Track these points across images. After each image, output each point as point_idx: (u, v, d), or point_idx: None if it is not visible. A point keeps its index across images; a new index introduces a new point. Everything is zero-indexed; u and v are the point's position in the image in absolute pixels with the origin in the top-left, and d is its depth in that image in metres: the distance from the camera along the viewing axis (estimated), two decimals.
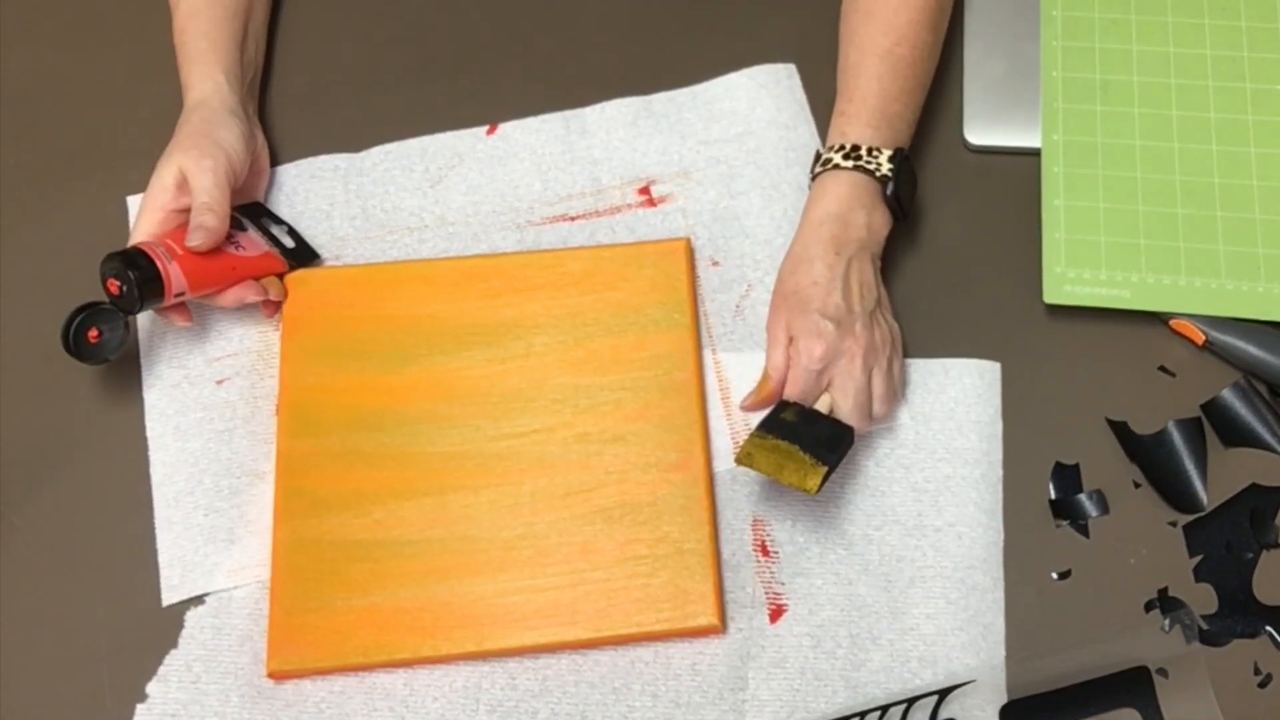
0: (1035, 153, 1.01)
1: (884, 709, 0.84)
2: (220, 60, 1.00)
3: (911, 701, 0.84)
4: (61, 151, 1.08)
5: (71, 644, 0.90)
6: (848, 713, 0.84)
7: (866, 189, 0.93)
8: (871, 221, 0.93)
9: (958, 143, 1.04)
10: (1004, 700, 0.84)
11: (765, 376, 0.91)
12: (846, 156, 0.93)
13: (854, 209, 0.92)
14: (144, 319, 0.99)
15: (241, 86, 1.02)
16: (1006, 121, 1.04)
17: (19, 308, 1.02)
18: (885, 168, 0.93)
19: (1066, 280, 0.96)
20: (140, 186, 0.98)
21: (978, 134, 1.04)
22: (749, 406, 0.93)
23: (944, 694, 0.84)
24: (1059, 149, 1.01)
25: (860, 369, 0.89)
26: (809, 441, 0.87)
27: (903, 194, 0.94)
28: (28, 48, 1.13)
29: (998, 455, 0.93)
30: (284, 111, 1.08)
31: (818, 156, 0.95)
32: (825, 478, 0.85)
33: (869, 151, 0.93)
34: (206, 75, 1.00)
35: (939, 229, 1.01)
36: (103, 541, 0.94)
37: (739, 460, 0.87)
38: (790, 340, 0.90)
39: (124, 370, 0.98)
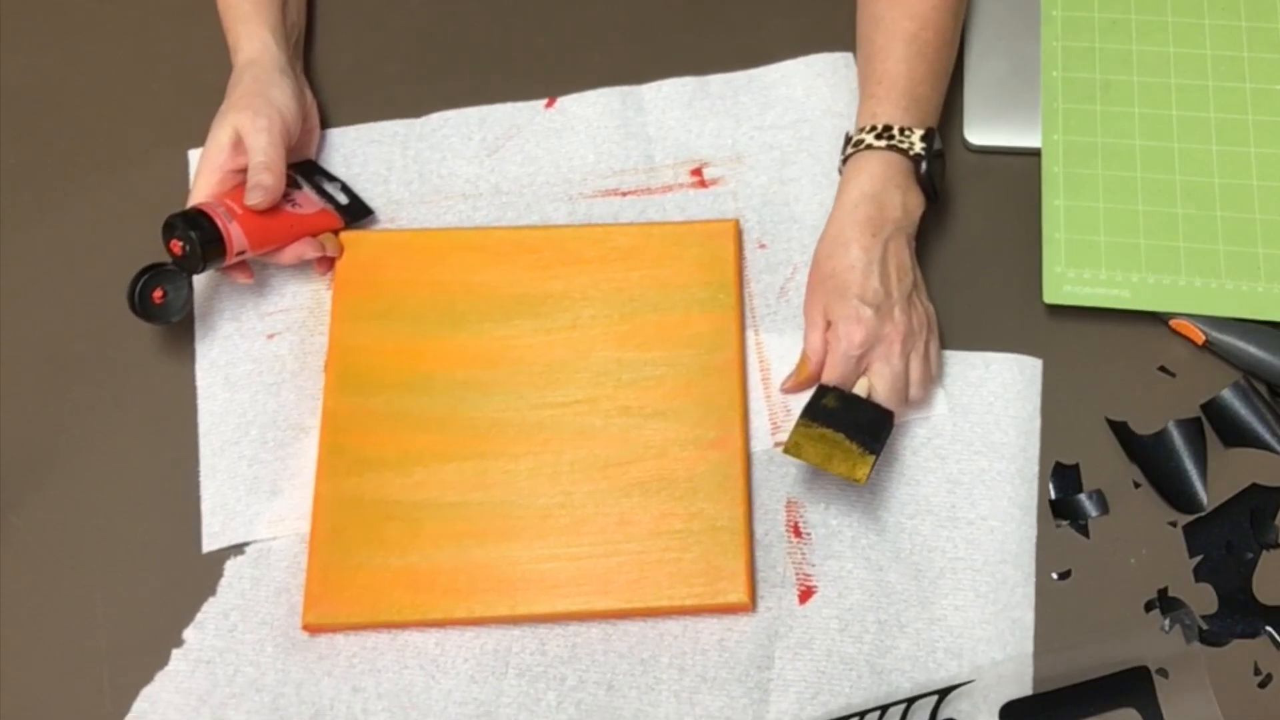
0: (1035, 153, 1.01)
1: (883, 709, 0.84)
2: (265, 20, 1.01)
3: (911, 701, 0.84)
4: (61, 150, 1.08)
5: (76, 622, 0.92)
6: (848, 713, 0.85)
7: (900, 169, 0.93)
8: (906, 201, 0.93)
9: (958, 143, 1.04)
10: (1010, 696, 0.85)
11: (804, 359, 0.92)
12: (879, 136, 0.93)
13: (888, 189, 0.92)
14: (200, 276, 1.01)
15: (288, 45, 1.03)
16: (1006, 121, 1.04)
17: (23, 298, 1.02)
18: (918, 146, 0.93)
19: (1066, 280, 0.96)
20: (145, 180, 1.01)
21: (978, 134, 1.03)
22: (789, 389, 0.93)
23: (944, 694, 0.84)
24: (1059, 149, 1.01)
25: (898, 354, 0.90)
26: (854, 429, 0.87)
27: (934, 174, 0.94)
28: (32, 41, 1.13)
29: (1034, 451, 0.93)
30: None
31: (848, 139, 0.96)
32: (873, 466, 0.86)
33: (901, 131, 0.93)
34: (254, 34, 1.01)
35: (939, 229, 1.01)
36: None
37: (787, 450, 0.88)
38: (828, 325, 0.91)
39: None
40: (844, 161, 0.95)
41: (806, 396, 0.90)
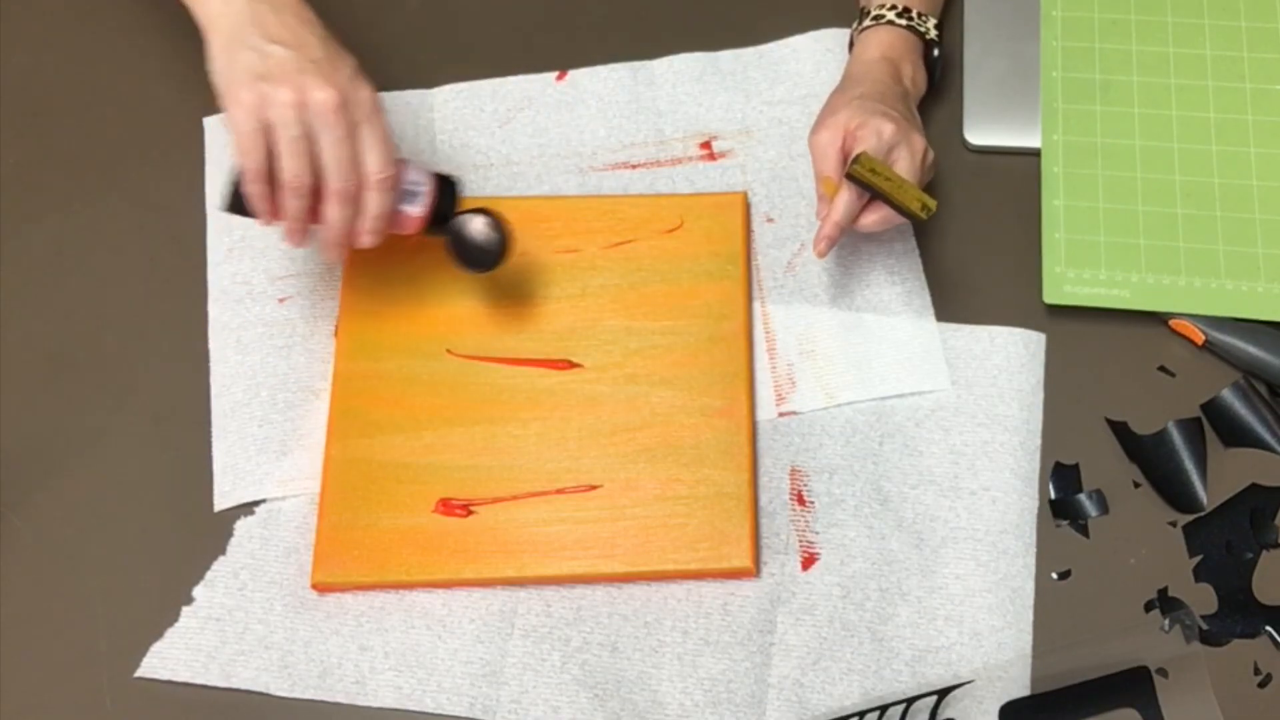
0: (1035, 153, 1.02)
1: (883, 709, 0.85)
2: None
3: (910, 701, 0.85)
4: (61, 150, 1.07)
5: (75, 612, 0.92)
6: (847, 713, 0.85)
7: (914, 46, 0.99)
8: (916, 75, 0.98)
9: (958, 143, 1.04)
10: (1010, 696, 0.86)
11: (826, 181, 0.92)
12: (900, 15, 0.98)
13: (904, 60, 0.98)
14: (214, 240, 1.02)
15: None
16: (1006, 121, 1.04)
17: (23, 298, 1.02)
18: (934, 32, 0.98)
19: (1066, 280, 0.97)
20: (146, 180, 1.03)
21: (978, 134, 1.04)
22: (824, 214, 0.92)
23: (943, 694, 0.85)
24: (1059, 149, 1.01)
25: (920, 146, 0.92)
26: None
27: (937, 64, 1.01)
28: (32, 41, 1.12)
29: (1037, 424, 0.94)
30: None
31: (864, 13, 1.00)
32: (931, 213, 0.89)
33: (918, 15, 0.98)
34: None
35: (939, 229, 1.01)
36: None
37: (852, 173, 0.88)
38: (845, 139, 0.91)
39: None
40: (858, 33, 0.99)
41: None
